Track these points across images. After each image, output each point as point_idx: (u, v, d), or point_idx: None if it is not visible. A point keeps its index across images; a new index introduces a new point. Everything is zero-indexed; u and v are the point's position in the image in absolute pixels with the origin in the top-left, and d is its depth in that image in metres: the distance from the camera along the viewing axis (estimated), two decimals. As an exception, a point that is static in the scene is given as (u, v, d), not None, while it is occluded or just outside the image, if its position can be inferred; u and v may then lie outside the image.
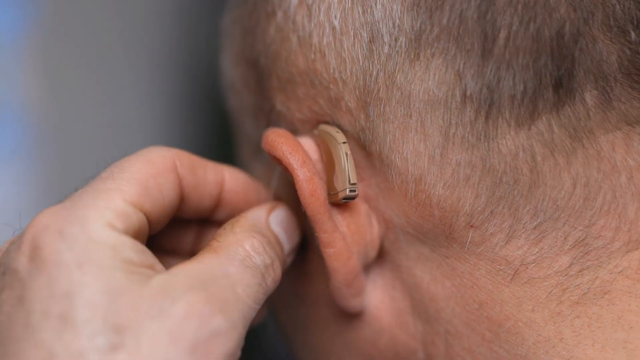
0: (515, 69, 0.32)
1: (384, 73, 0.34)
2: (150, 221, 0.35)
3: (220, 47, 0.45)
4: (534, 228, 0.34)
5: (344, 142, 0.36)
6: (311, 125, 0.38)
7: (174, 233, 0.40)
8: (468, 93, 0.33)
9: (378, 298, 0.38)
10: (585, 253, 0.34)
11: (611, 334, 0.34)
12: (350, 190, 0.35)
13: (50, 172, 1.21)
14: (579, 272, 0.34)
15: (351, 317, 0.39)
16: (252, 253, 0.35)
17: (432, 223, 0.35)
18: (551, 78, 0.32)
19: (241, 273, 0.34)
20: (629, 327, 0.33)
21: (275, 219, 0.38)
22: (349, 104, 0.35)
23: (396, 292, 0.38)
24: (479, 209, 0.34)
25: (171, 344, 0.30)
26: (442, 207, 0.35)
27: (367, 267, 0.38)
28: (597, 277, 0.34)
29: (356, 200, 0.37)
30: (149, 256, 0.34)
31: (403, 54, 0.34)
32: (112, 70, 1.22)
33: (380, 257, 0.38)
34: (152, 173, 0.36)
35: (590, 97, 0.33)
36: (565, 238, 0.34)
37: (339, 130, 0.36)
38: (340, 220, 0.37)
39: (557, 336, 0.34)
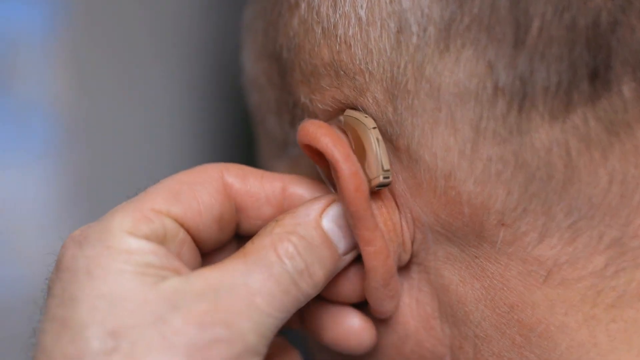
0: (549, 60, 0.31)
1: (413, 65, 0.33)
2: (187, 227, 0.35)
3: (242, 43, 0.44)
4: (568, 227, 0.32)
5: (374, 127, 0.34)
6: (335, 115, 0.37)
7: None
8: (500, 85, 0.31)
9: (404, 302, 0.37)
10: (622, 253, 0.32)
11: None
12: (384, 177, 0.34)
13: (79, 171, 1.21)
14: (615, 273, 0.33)
15: (376, 322, 0.38)
16: (283, 258, 0.33)
17: (461, 221, 0.34)
18: (587, 69, 0.31)
19: (264, 281, 0.33)
20: None
21: (330, 215, 0.36)
22: (376, 95, 0.34)
23: (423, 295, 0.37)
24: (511, 206, 0.33)
25: (165, 350, 0.30)
26: (473, 205, 0.33)
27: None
28: (633, 279, 0.33)
29: (390, 196, 0.36)
30: (172, 260, 0.33)
31: (432, 45, 0.32)
32: (141, 69, 1.23)
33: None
34: (187, 181, 0.35)
35: (627, 89, 0.31)
36: (600, 237, 0.32)
37: (367, 115, 0.35)
38: (378, 217, 0.35)
39: (591, 341, 0.33)
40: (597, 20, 0.31)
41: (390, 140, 0.35)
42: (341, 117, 0.36)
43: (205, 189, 0.35)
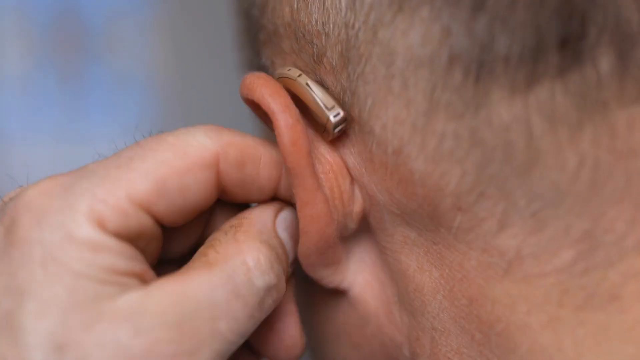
0: (511, 26, 0.27)
1: (366, 26, 0.29)
2: (163, 223, 0.31)
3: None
4: (531, 215, 0.28)
5: (299, 75, 0.32)
6: None
7: (217, 215, 0.36)
8: (456, 52, 0.28)
9: (365, 279, 0.34)
10: (593, 248, 0.28)
11: (620, 348, 0.28)
12: (334, 115, 0.31)
13: (174, 144, 1.22)
14: (585, 270, 0.28)
15: (338, 298, 0.35)
16: (255, 272, 0.31)
17: (416, 203, 0.30)
18: (556, 37, 0.27)
19: (231, 303, 0.30)
20: None
21: (282, 224, 0.34)
22: (332, 61, 0.31)
23: (384, 276, 0.34)
24: (467, 188, 0.29)
25: None
26: (426, 185, 0.30)
27: (348, 239, 0.34)
28: (605, 279, 0.28)
29: (341, 162, 0.33)
30: (139, 263, 0.30)
31: (386, 4, 0.29)
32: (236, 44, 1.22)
33: (370, 233, 0.34)
34: (180, 169, 0.31)
35: (605, 61, 0.27)
36: (567, 229, 0.28)
37: (290, 67, 0.33)
38: (324, 181, 0.32)
39: (554, 345, 0.29)
40: None
41: (344, 111, 0.32)
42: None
43: (196, 181, 0.31)
